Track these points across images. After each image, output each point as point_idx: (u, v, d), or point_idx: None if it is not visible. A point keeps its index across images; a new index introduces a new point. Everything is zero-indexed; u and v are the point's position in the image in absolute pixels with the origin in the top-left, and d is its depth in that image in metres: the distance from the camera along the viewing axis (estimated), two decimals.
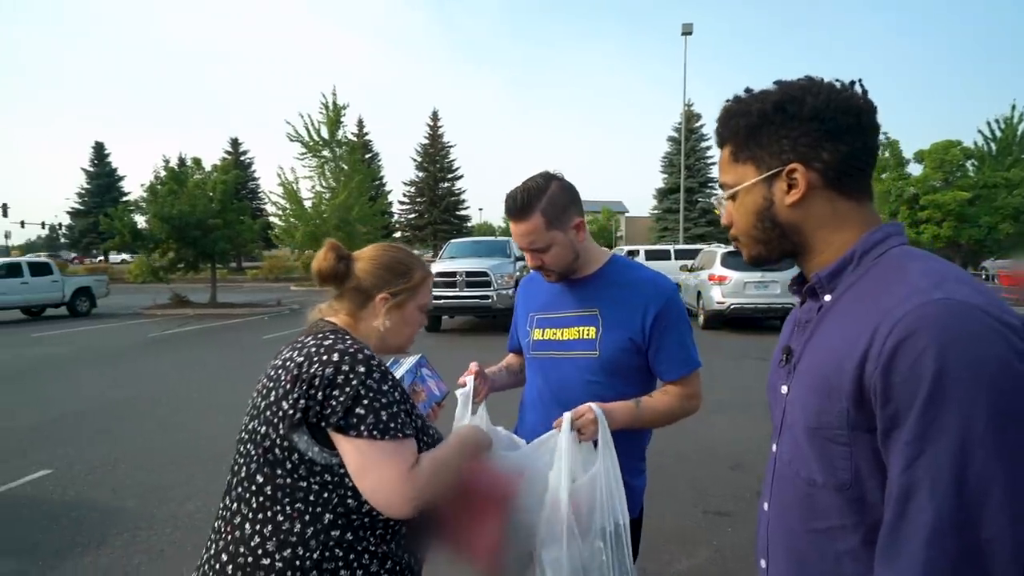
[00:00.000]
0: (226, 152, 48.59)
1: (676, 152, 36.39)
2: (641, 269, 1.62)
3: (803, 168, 0.83)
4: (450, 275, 11.17)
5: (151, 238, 16.52)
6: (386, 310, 1.24)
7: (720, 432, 5.05)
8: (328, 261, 1.25)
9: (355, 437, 1.05)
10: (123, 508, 3.73)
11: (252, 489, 1.09)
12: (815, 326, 0.87)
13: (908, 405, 0.67)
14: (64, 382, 7.61)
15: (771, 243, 0.90)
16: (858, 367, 0.73)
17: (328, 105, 24.02)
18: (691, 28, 23.39)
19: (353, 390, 1.05)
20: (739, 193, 0.90)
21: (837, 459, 0.78)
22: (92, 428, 5.47)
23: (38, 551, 3.20)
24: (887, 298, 0.74)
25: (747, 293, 10.82)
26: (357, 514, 1.07)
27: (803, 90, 0.84)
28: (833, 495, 0.79)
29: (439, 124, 51.82)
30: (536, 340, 1.62)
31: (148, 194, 16.69)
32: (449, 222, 49.47)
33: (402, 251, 1.33)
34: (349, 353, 1.09)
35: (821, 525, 0.81)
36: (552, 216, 1.48)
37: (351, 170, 24.29)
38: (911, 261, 0.79)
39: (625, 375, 1.52)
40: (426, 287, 1.32)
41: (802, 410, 0.84)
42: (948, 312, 0.68)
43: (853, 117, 0.83)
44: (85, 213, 49.72)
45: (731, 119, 0.90)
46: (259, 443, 1.09)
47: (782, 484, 0.90)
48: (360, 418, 1.05)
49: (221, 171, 17.97)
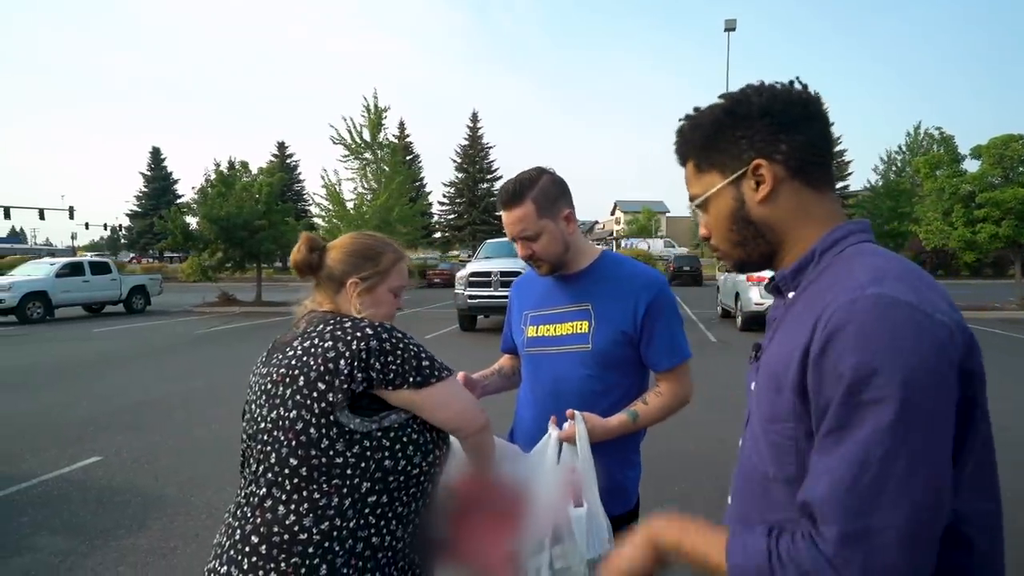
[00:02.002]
0: (273, 155, 50.22)
1: None
2: (632, 263, 1.64)
3: (767, 162, 0.85)
4: (485, 275, 11.25)
5: (201, 239, 17.24)
6: (357, 294, 1.30)
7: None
8: (301, 253, 1.32)
9: (436, 383, 1.19)
10: (163, 495, 3.94)
11: (285, 472, 1.12)
12: (778, 323, 0.88)
13: (831, 397, 0.70)
14: (118, 375, 8.04)
15: (748, 245, 0.91)
16: (801, 360, 0.75)
17: (370, 108, 24.48)
18: (734, 24, 22.92)
19: (406, 350, 1.17)
20: (709, 201, 0.92)
21: (785, 453, 0.79)
22: (141, 419, 5.78)
23: (85, 532, 3.42)
24: (830, 293, 0.76)
25: None
26: (393, 474, 1.15)
27: (747, 93, 0.88)
28: (783, 487, 0.80)
29: (479, 125, 52.28)
30: (530, 337, 1.65)
31: (199, 196, 17.42)
32: (488, 223, 49.77)
33: (373, 238, 1.39)
34: (373, 327, 1.17)
35: (774, 517, 0.82)
36: (542, 204, 1.51)
37: (392, 172, 24.67)
38: (861, 257, 0.80)
39: (618, 367, 1.54)
40: (398, 270, 1.37)
41: (759, 405, 0.86)
42: (876, 307, 0.69)
43: (800, 107, 0.86)
44: (142, 215, 52.23)
45: (686, 136, 0.93)
46: (289, 428, 1.12)
47: (743, 477, 0.92)
48: (429, 368, 1.19)
49: (267, 174, 18.61)
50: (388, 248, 1.38)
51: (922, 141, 36.58)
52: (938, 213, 15.89)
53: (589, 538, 1.30)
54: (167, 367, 8.63)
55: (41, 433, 5.33)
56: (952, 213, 15.38)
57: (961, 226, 15.10)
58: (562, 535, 1.31)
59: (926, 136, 33.68)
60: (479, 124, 52.34)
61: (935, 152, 16.96)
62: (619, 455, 1.55)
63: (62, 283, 15.61)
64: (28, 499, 3.90)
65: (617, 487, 1.52)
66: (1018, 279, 15.74)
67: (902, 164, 37.69)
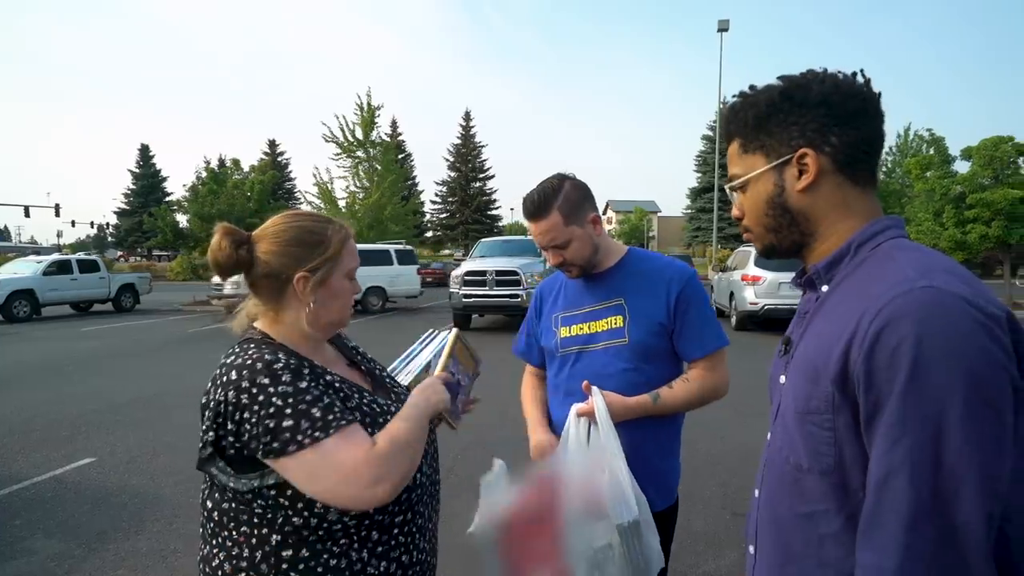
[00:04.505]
0: (264, 153, 49.90)
1: (710, 151, 35.86)
2: (659, 257, 1.68)
3: (813, 153, 0.85)
4: (480, 274, 11.24)
5: (191, 236, 17.11)
6: (309, 290, 1.08)
7: (753, 435, 4.95)
8: (223, 250, 1.07)
9: (296, 451, 0.94)
10: (161, 495, 3.86)
11: (204, 515, 1.06)
12: (811, 316, 0.88)
13: (888, 391, 0.69)
14: (108, 374, 7.91)
15: (781, 231, 0.91)
16: (843, 353, 0.74)
17: (363, 106, 24.40)
18: (727, 24, 23.03)
19: (266, 405, 0.94)
20: (749, 182, 0.92)
21: (821, 444, 0.79)
22: (133, 418, 5.68)
23: (81, 534, 3.33)
24: (875, 286, 0.75)
25: (781, 294, 10.57)
26: (308, 529, 1.00)
27: (808, 79, 0.87)
28: (817, 480, 0.80)
29: (471, 124, 52.28)
30: (564, 338, 1.64)
31: (189, 194, 17.29)
32: (480, 221, 49.82)
33: (309, 217, 1.14)
34: (247, 367, 0.97)
35: (806, 510, 0.82)
36: (568, 212, 1.53)
37: (384, 170, 24.63)
38: (902, 251, 0.80)
39: (655, 359, 1.56)
40: (348, 250, 1.14)
41: (793, 397, 0.85)
42: (930, 300, 0.69)
43: (860, 102, 0.85)
44: (131, 213, 51.72)
45: (738, 113, 0.92)
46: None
47: (772, 471, 0.91)
48: (292, 429, 0.94)
49: (258, 172, 18.54)
50: (330, 225, 1.13)
51: (912, 143, 36.95)
52: (928, 214, 16.07)
53: (614, 504, 1.29)
54: (160, 365, 8.51)
55: (32, 433, 5.22)
56: (943, 214, 15.55)
57: (952, 226, 15.27)
58: (597, 511, 1.29)
59: (916, 138, 34.01)
60: (472, 123, 52.35)
61: (926, 153, 17.13)
62: (655, 442, 1.56)
63: (49, 281, 15.38)
64: (21, 501, 3.80)
65: (657, 474, 1.54)
66: (1007, 279, 15.92)
67: (892, 165, 38.05)
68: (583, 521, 1.28)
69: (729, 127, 0.95)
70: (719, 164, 26.03)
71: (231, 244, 1.07)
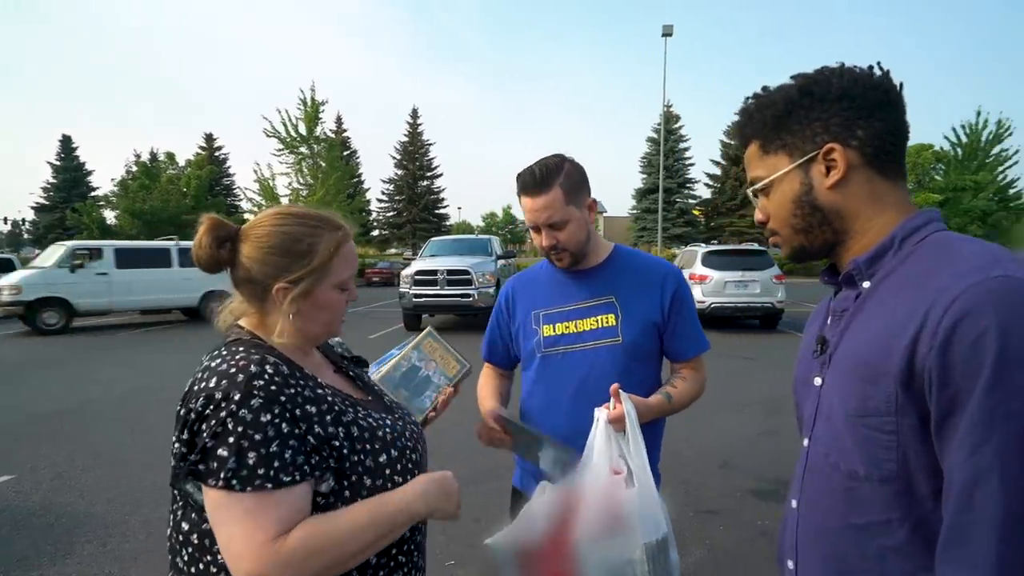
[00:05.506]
0: (200, 147, 47.58)
1: (655, 152, 36.71)
2: (646, 255, 1.65)
3: (841, 147, 0.82)
4: (431, 273, 11.06)
5: (122, 233, 16.13)
6: (289, 302, 0.98)
7: (709, 431, 5.04)
8: (204, 248, 0.99)
9: (212, 487, 0.84)
10: (92, 514, 3.56)
11: (177, 539, 0.96)
12: (852, 314, 0.84)
13: (969, 388, 0.64)
14: (25, 384, 7.30)
15: (812, 231, 0.87)
16: (908, 349, 0.69)
17: (306, 101, 23.70)
18: (671, 29, 23.58)
19: (218, 425, 0.85)
20: (774, 184, 0.88)
21: (881, 449, 0.74)
22: (58, 431, 5.24)
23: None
24: (938, 279, 0.71)
25: (727, 292, 10.91)
26: None
27: (827, 73, 0.84)
28: (876, 487, 0.75)
29: (419, 121, 51.65)
30: (547, 337, 1.56)
31: (119, 189, 16.30)
32: (428, 220, 49.29)
33: (301, 220, 1.02)
34: (229, 375, 0.88)
35: (862, 520, 0.77)
36: (569, 190, 1.46)
37: (329, 167, 24.02)
38: (958, 243, 0.77)
39: (644, 359, 1.53)
40: (341, 260, 1.02)
41: (842, 398, 0.80)
42: (1010, 289, 0.65)
43: (882, 93, 0.82)
44: (50, 208, 48.26)
45: (753, 115, 0.89)
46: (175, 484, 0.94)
47: (816, 479, 0.85)
48: (220, 461, 0.84)
49: (195, 166, 17.64)
50: (323, 229, 1.01)
51: None
52: None
53: (643, 521, 1.21)
54: (86, 373, 7.92)
55: None
56: None
57: None
58: (618, 525, 1.21)
59: None
60: (419, 120, 51.67)
61: None
62: (651, 443, 1.49)
63: None
64: None
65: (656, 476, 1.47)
66: None
67: None
68: (602, 537, 1.20)
69: (745, 130, 0.91)
70: (664, 167, 26.66)
71: (213, 242, 0.99)
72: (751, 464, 4.33)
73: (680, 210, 38.25)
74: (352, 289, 1.06)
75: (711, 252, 11.46)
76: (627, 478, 1.25)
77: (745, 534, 3.30)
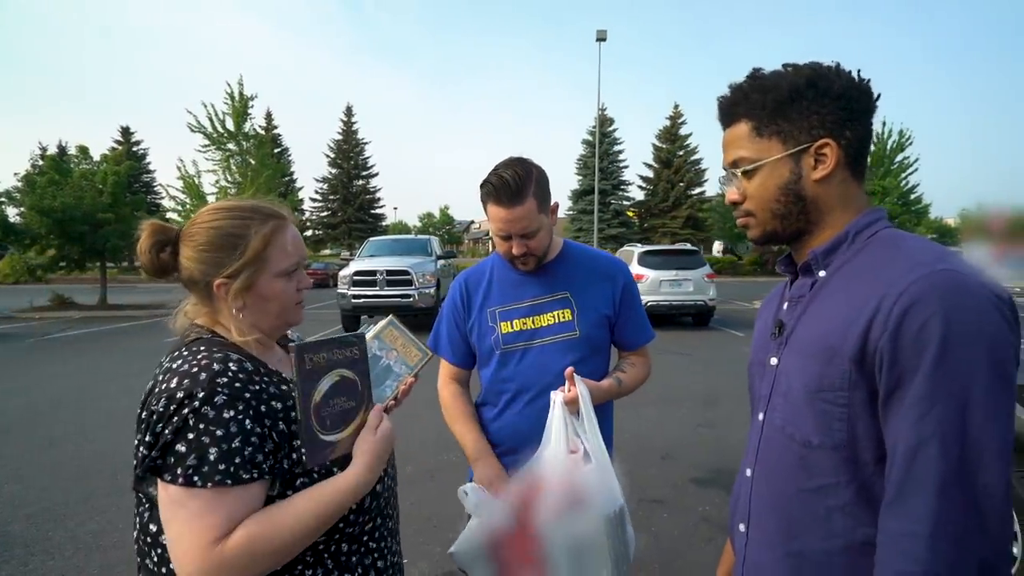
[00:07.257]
0: (116, 141, 44.71)
1: (591, 155, 37.44)
2: (592, 250, 1.72)
3: (834, 144, 0.87)
4: (370, 274, 10.86)
5: (27, 233, 14.90)
6: (231, 298, 0.97)
7: (649, 424, 5.22)
8: (146, 255, 0.99)
9: (170, 482, 0.83)
10: (9, 532, 3.30)
11: (144, 542, 0.93)
12: (809, 301, 0.91)
13: (915, 367, 0.73)
14: None
15: (789, 219, 0.92)
16: (863, 333, 0.78)
17: (234, 95, 22.65)
18: (605, 34, 24.11)
19: (180, 422, 0.84)
20: (762, 167, 0.91)
21: (835, 420, 0.82)
22: None
23: None
24: (890, 271, 0.80)
25: (662, 291, 11.29)
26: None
27: (830, 70, 0.88)
28: (828, 454, 0.83)
29: (353, 120, 50.48)
30: (506, 333, 1.59)
31: (23, 184, 15.04)
32: (363, 220, 48.25)
33: (232, 214, 1.00)
34: (191, 375, 0.87)
35: (813, 484, 0.85)
36: (541, 199, 1.48)
37: (259, 165, 23.02)
38: (906, 239, 0.86)
39: (600, 350, 1.60)
40: (278, 248, 1.00)
41: (800, 376, 0.87)
42: (952, 282, 0.74)
43: (868, 99, 0.89)
44: None
45: (750, 95, 0.91)
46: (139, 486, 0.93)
47: (771, 449, 0.93)
48: (180, 457, 0.83)
49: (112, 162, 16.50)
50: (253, 219, 1.00)
51: None
52: None
53: (601, 494, 1.28)
54: None
55: None
56: None
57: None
58: (577, 501, 1.27)
59: None
60: (354, 119, 50.47)
61: None
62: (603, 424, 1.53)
63: None
64: None
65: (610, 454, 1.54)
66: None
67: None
68: (565, 514, 1.25)
69: (737, 108, 0.92)
70: (599, 168, 27.24)
71: (153, 247, 0.99)
72: (691, 455, 4.51)
73: (615, 211, 39.18)
74: (302, 277, 1.04)
75: (647, 252, 11.83)
76: (584, 456, 1.32)
77: (688, 520, 3.44)
